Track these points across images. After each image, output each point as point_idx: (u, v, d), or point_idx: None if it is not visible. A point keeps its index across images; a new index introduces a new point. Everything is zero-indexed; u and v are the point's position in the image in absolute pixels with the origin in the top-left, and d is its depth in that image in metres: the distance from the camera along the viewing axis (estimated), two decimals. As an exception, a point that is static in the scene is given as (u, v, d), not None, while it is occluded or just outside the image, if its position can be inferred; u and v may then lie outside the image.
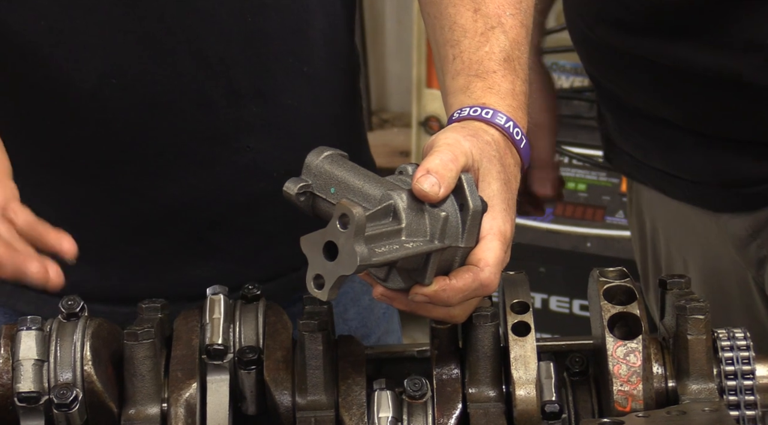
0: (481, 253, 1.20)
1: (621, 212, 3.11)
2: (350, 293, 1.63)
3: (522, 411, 1.25)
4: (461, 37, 1.35)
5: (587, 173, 3.17)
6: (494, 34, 1.35)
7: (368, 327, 1.67)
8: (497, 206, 1.23)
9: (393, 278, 1.21)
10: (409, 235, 1.16)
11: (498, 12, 1.36)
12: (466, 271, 1.20)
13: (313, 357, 1.28)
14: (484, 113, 1.29)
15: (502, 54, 1.34)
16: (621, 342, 1.24)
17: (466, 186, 1.19)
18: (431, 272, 1.18)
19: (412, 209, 1.16)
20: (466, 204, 1.18)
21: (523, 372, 1.26)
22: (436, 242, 1.17)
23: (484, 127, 1.28)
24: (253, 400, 1.31)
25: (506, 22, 1.36)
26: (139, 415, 1.27)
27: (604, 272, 1.30)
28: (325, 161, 1.20)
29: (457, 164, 1.19)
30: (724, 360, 1.27)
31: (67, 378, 1.26)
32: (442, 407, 1.27)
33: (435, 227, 1.17)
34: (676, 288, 1.31)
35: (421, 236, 1.17)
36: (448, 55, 1.36)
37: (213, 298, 1.33)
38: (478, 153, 1.23)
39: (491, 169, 1.24)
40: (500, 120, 1.29)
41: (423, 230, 1.17)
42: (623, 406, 1.23)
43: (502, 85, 1.32)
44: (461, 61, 1.34)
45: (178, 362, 1.30)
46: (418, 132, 3.63)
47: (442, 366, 1.29)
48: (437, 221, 1.17)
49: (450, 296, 1.19)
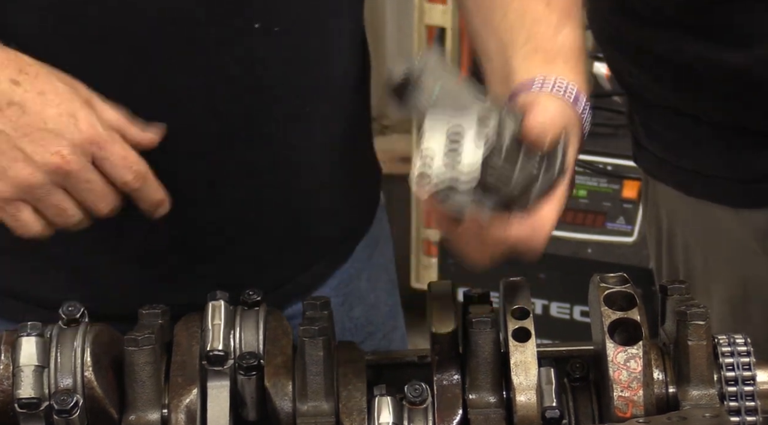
0: (542, 212, 1.25)
1: (621, 218, 3.11)
2: (356, 292, 1.63)
3: (522, 417, 1.25)
4: (534, 25, 1.36)
5: (588, 179, 3.17)
6: (568, 25, 1.36)
7: (374, 325, 1.67)
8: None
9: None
10: None
11: (569, 6, 1.38)
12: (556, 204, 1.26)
13: (314, 362, 1.28)
14: (570, 89, 1.31)
15: (577, 43, 1.36)
16: (621, 348, 1.24)
17: (560, 149, 1.25)
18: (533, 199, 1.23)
19: None
20: (553, 166, 1.25)
21: (524, 377, 1.26)
22: None
23: (570, 103, 1.31)
24: (253, 406, 1.31)
25: (576, 17, 1.38)
26: (139, 421, 1.27)
27: (605, 278, 1.30)
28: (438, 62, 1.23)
29: (558, 126, 1.25)
30: (724, 366, 1.27)
31: (67, 384, 1.26)
32: (442, 413, 1.27)
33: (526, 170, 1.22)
34: (676, 294, 1.31)
35: None
36: (516, 39, 1.36)
37: (214, 304, 1.33)
38: (569, 123, 1.28)
39: (574, 141, 1.30)
40: (580, 104, 1.32)
41: None
42: (624, 412, 1.23)
43: (579, 70, 1.34)
44: (535, 43, 1.35)
45: (179, 368, 1.30)
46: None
47: (442, 371, 1.29)
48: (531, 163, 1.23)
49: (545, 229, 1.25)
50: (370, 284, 1.65)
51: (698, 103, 1.73)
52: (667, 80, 1.75)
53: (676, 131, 1.78)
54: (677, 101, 1.75)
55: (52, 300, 1.33)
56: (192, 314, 1.34)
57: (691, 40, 1.67)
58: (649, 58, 1.74)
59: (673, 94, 1.75)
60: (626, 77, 1.83)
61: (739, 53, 1.64)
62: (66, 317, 1.28)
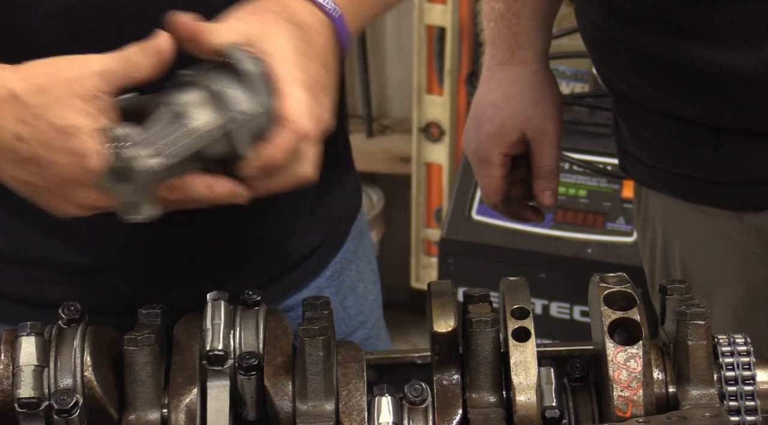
0: (287, 107, 1.22)
1: (622, 219, 3.11)
2: (347, 281, 1.65)
3: (522, 417, 1.25)
4: None
5: (588, 179, 3.17)
6: None
7: (364, 314, 1.69)
8: (287, 57, 1.24)
9: None
10: None
11: None
12: (281, 128, 1.22)
13: (313, 362, 1.28)
14: None
15: None
16: (621, 348, 1.24)
17: (233, 55, 1.22)
18: (244, 145, 1.20)
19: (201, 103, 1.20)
20: (239, 70, 1.21)
21: (524, 377, 1.26)
22: (226, 115, 1.19)
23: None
24: (253, 406, 1.32)
25: None
26: (139, 421, 1.27)
27: (605, 277, 1.30)
28: None
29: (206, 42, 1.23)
30: (724, 366, 1.27)
31: (67, 383, 1.26)
32: (442, 412, 1.28)
33: (219, 104, 1.20)
34: (676, 294, 1.31)
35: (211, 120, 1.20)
36: None
37: (213, 304, 1.33)
38: (252, 26, 1.25)
39: (276, 31, 1.26)
40: None
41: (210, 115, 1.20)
42: (624, 412, 1.23)
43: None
44: None
45: (179, 367, 1.30)
46: (419, 138, 3.63)
47: (442, 371, 1.30)
48: (218, 97, 1.20)
49: (278, 155, 1.21)
50: (358, 274, 1.67)
51: (696, 105, 1.72)
52: (662, 83, 1.73)
53: (669, 136, 1.76)
54: (673, 105, 1.74)
55: (53, 300, 1.33)
56: (192, 314, 1.35)
57: (689, 41, 1.66)
58: (643, 61, 1.72)
59: (668, 97, 1.74)
60: (617, 83, 1.81)
61: (739, 54, 1.63)
62: (65, 317, 1.29)
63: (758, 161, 1.70)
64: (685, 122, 1.73)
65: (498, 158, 1.87)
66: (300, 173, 1.26)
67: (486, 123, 1.88)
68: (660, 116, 1.76)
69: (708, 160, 1.73)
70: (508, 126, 1.86)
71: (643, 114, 1.79)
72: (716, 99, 1.68)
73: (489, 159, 1.88)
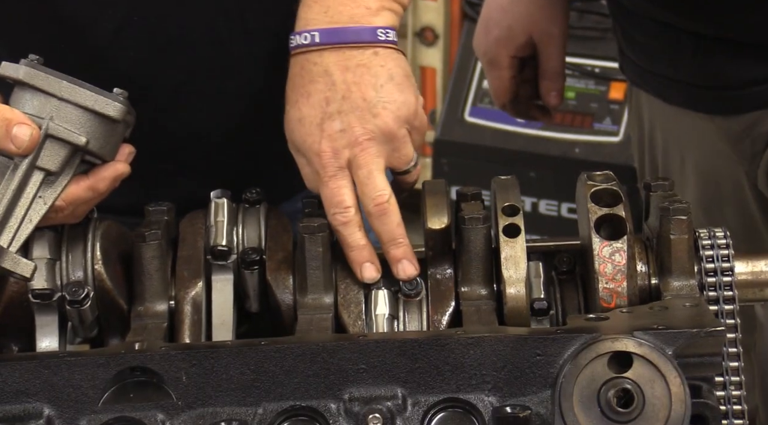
0: None
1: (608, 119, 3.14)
2: None
3: (512, 308, 1.29)
4: None
5: (576, 81, 3.19)
6: None
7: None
8: None
9: None
10: None
11: None
12: None
13: (313, 258, 1.31)
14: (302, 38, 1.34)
15: None
16: (606, 242, 1.27)
17: None
18: None
19: None
20: None
21: (514, 271, 1.29)
22: None
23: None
24: (256, 298, 1.36)
25: None
26: (147, 312, 1.32)
27: (592, 176, 1.33)
28: None
29: None
30: (704, 258, 1.30)
31: (78, 276, 1.30)
32: (436, 305, 1.31)
33: None
34: (660, 191, 1.34)
35: None
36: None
37: (217, 202, 1.37)
38: None
39: (292, 97, 1.34)
40: (304, 40, 1.34)
41: None
42: (608, 302, 1.26)
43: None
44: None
45: (184, 262, 1.34)
46: (413, 42, 3.63)
47: (436, 266, 1.33)
48: None
49: None
50: None
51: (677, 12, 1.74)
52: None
53: (656, 40, 1.79)
54: (657, 11, 1.76)
55: None
56: (196, 211, 1.38)
57: None
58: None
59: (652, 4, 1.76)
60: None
61: None
62: (76, 214, 1.32)
63: (731, 67, 1.73)
64: (668, 27, 1.75)
65: (506, 60, 1.90)
66: None
67: (494, 27, 1.90)
68: (647, 20, 1.78)
69: (687, 64, 1.76)
70: (515, 29, 1.89)
71: (634, 18, 1.82)
72: (695, 8, 1.70)
73: (498, 61, 1.91)
